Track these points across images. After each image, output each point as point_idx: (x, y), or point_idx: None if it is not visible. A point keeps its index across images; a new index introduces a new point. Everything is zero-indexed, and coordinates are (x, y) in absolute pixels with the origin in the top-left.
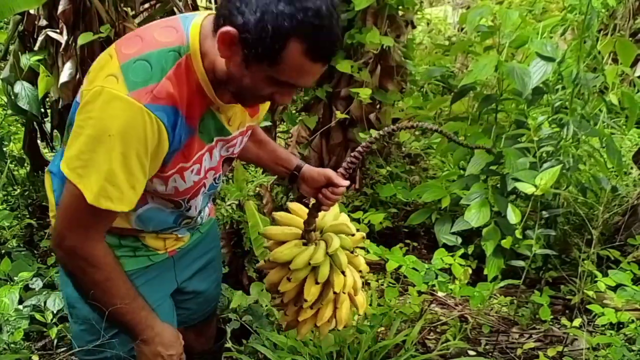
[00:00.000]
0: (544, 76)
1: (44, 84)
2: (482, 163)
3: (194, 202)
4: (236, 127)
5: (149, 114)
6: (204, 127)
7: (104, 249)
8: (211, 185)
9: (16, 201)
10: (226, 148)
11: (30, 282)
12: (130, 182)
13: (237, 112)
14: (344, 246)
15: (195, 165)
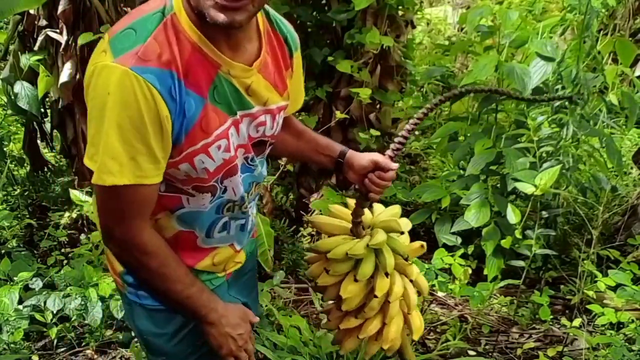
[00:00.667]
0: (543, 76)
1: (43, 84)
2: (482, 163)
3: (229, 183)
4: (260, 101)
5: (135, 77)
6: (219, 96)
7: (150, 235)
8: (245, 167)
9: (16, 201)
10: (255, 127)
11: (30, 282)
12: (129, 153)
13: (260, 83)
14: (395, 248)
15: (221, 141)
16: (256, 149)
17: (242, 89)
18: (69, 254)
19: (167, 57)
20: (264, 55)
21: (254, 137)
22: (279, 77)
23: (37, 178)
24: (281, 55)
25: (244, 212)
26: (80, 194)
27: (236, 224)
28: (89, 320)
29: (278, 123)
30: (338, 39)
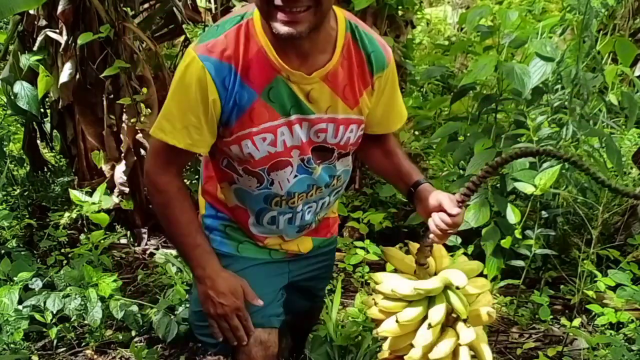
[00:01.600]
0: (543, 76)
1: (43, 84)
2: (481, 163)
3: (276, 177)
4: (322, 108)
5: (198, 62)
6: (274, 96)
7: (169, 178)
8: (302, 168)
9: (16, 201)
10: (315, 132)
11: (30, 282)
12: (182, 121)
13: (323, 91)
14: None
15: (267, 134)
16: (319, 153)
17: (302, 94)
18: (68, 254)
19: (230, 53)
20: (333, 66)
21: (316, 141)
22: (351, 90)
23: (36, 178)
24: (359, 71)
25: (292, 207)
26: (80, 194)
27: (284, 219)
28: (89, 321)
29: (347, 135)
30: None
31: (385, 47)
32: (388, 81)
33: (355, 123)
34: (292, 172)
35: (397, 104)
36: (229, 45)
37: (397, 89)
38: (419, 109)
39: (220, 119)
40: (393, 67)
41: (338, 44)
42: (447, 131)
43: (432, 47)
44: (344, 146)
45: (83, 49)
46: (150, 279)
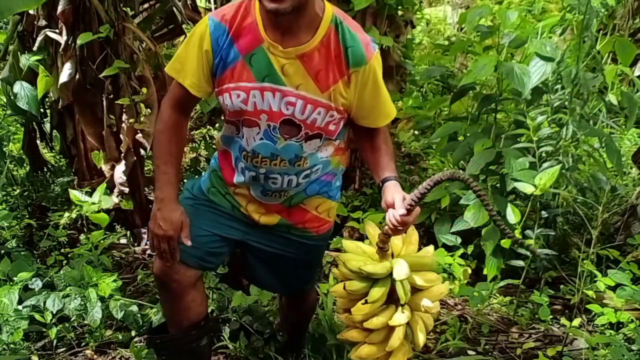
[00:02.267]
0: (543, 76)
1: (43, 84)
2: (481, 163)
3: (245, 132)
4: (294, 83)
5: (206, 20)
6: (254, 61)
7: (171, 112)
8: (267, 134)
9: (16, 201)
10: (285, 104)
11: (30, 282)
12: (187, 63)
13: (296, 68)
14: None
15: (240, 92)
16: (287, 127)
17: (277, 66)
18: (68, 254)
19: (229, 17)
20: (310, 49)
21: (285, 113)
22: (324, 76)
23: (36, 178)
24: (336, 61)
25: (255, 166)
26: (80, 194)
27: (249, 175)
28: (89, 321)
29: (314, 116)
30: None
31: (367, 46)
32: (369, 79)
33: (322, 107)
34: (259, 133)
35: (381, 102)
36: (231, 12)
37: (382, 89)
38: (418, 109)
39: (211, 69)
40: (374, 67)
41: (319, 31)
42: (447, 131)
43: (431, 47)
44: (310, 125)
45: (83, 49)
46: (150, 279)
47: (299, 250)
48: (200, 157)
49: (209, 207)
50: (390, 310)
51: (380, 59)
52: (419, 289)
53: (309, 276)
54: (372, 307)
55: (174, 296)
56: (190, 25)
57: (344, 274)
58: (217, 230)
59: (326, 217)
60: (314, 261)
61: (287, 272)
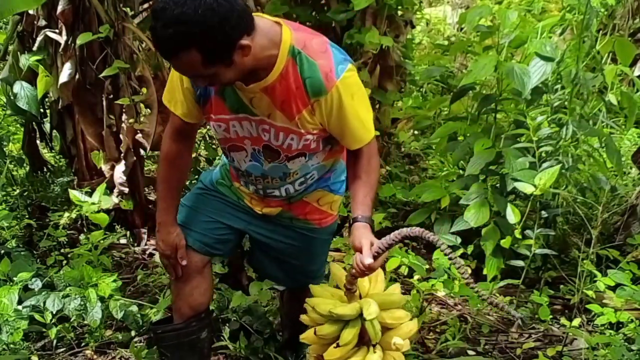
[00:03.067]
0: (543, 76)
1: (43, 84)
2: (481, 163)
3: (235, 156)
4: (263, 113)
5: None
6: (227, 95)
7: (170, 141)
8: (254, 156)
9: (15, 201)
10: (261, 130)
11: (30, 282)
12: (177, 95)
13: (262, 100)
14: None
15: (221, 123)
16: (267, 152)
17: (246, 100)
18: (68, 254)
19: None
20: (270, 83)
21: (264, 139)
22: (288, 106)
23: (36, 178)
24: (297, 92)
25: (253, 182)
26: (80, 194)
27: (252, 187)
28: (89, 321)
29: (288, 142)
30: (337, 39)
31: (327, 75)
32: (332, 107)
33: (294, 133)
34: (247, 156)
35: (350, 128)
36: None
37: (349, 115)
38: (418, 109)
39: (196, 100)
40: (338, 95)
41: (276, 67)
42: (447, 131)
43: (431, 47)
44: (287, 149)
45: (82, 49)
46: (150, 279)
47: (302, 243)
48: (200, 157)
49: (216, 197)
50: (362, 351)
51: (349, 82)
52: (388, 328)
53: (313, 270)
54: (345, 350)
55: (180, 279)
56: None
57: (313, 319)
58: (223, 218)
59: (328, 210)
60: (318, 255)
61: (292, 265)
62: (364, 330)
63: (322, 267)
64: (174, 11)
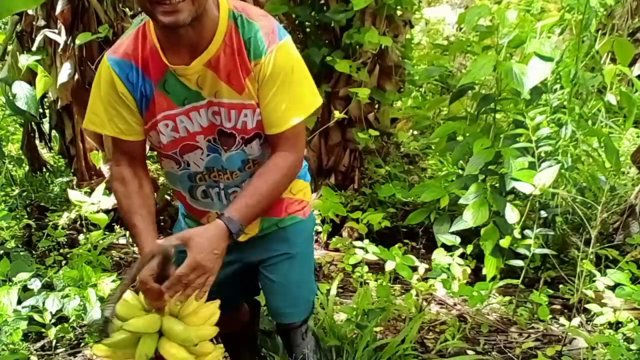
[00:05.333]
0: (542, 76)
1: (42, 84)
2: (480, 163)
3: (189, 158)
4: (210, 92)
5: (105, 62)
6: (169, 87)
7: (119, 168)
8: (211, 147)
9: (15, 201)
10: (212, 114)
11: (29, 282)
12: (106, 113)
13: (207, 77)
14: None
15: (168, 121)
16: (222, 139)
17: (192, 84)
18: (67, 254)
19: (129, 51)
20: (214, 53)
21: (216, 124)
22: (236, 76)
23: (35, 178)
24: (239, 58)
25: (215, 181)
26: (79, 194)
27: (214, 192)
28: (88, 321)
29: (242, 120)
30: (336, 38)
31: (268, 35)
32: (267, 71)
33: (248, 108)
34: (203, 152)
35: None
36: (130, 44)
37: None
38: (417, 109)
39: (138, 107)
40: (275, 60)
41: (219, 30)
42: (446, 131)
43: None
44: (242, 130)
45: (82, 49)
46: None
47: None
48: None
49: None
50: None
51: (290, 49)
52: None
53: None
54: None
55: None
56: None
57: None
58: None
59: (303, 197)
60: (311, 253)
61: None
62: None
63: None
64: None
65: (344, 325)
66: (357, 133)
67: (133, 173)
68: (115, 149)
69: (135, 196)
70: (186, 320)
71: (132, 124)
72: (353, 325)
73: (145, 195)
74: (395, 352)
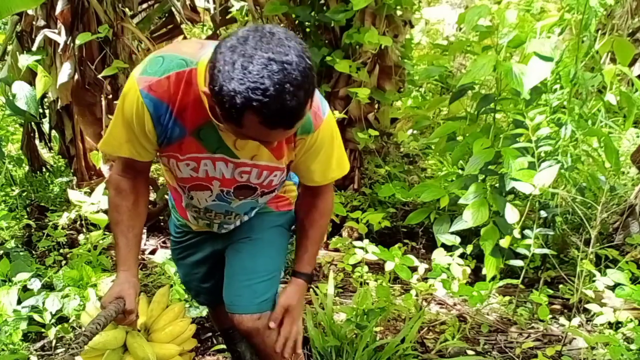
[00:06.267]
0: (542, 76)
1: (42, 84)
2: (480, 163)
3: (195, 195)
4: (247, 155)
5: (139, 97)
6: (205, 135)
7: (120, 179)
8: (220, 196)
9: (14, 202)
10: (239, 173)
11: (29, 282)
12: (126, 137)
13: (248, 142)
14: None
15: (190, 162)
16: (242, 191)
17: (229, 141)
18: (67, 254)
19: (169, 94)
20: None
21: (239, 180)
22: (278, 145)
23: (35, 178)
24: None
25: (209, 217)
26: (79, 194)
27: (203, 222)
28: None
29: (270, 178)
30: (336, 38)
31: (315, 114)
32: (314, 145)
33: (280, 170)
34: (211, 196)
35: (323, 165)
36: (170, 86)
37: (327, 155)
38: (417, 109)
39: (158, 141)
40: (322, 136)
41: None
42: (446, 131)
43: (430, 46)
44: (267, 186)
45: (81, 49)
46: (149, 279)
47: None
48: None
49: (184, 256)
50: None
51: (332, 122)
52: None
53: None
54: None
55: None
56: (188, 26)
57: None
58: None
59: (283, 194)
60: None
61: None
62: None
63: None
64: (292, 74)
65: (343, 325)
66: (357, 133)
67: (132, 187)
68: (123, 163)
69: (126, 215)
70: (153, 336)
71: (147, 148)
72: (353, 325)
73: (137, 215)
74: (395, 352)
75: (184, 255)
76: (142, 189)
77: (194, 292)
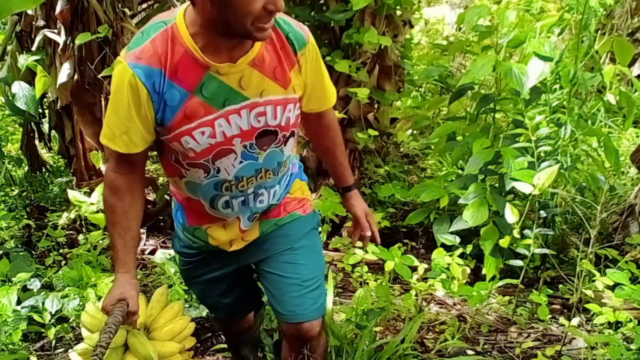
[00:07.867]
0: (541, 76)
1: (41, 84)
2: (480, 163)
3: (221, 164)
4: (256, 92)
5: (128, 71)
6: (207, 91)
7: (115, 176)
8: (246, 154)
9: (14, 202)
10: (255, 117)
11: (28, 282)
12: (121, 127)
13: (253, 76)
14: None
15: (205, 128)
16: (264, 139)
17: (234, 83)
18: (67, 254)
19: (157, 57)
20: (258, 51)
21: (257, 127)
22: (281, 71)
23: (35, 178)
24: (283, 52)
25: (242, 190)
26: (79, 194)
27: (238, 202)
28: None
29: (287, 115)
30: (336, 38)
31: (300, 26)
32: (312, 58)
33: (292, 102)
34: (237, 158)
35: (325, 82)
36: (155, 50)
37: (322, 68)
38: (417, 109)
39: (155, 119)
40: (314, 46)
41: None
42: (446, 131)
43: (430, 46)
44: (285, 127)
45: (81, 49)
46: (149, 279)
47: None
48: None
49: (199, 274)
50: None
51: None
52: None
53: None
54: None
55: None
56: None
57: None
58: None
59: (302, 195)
60: (311, 249)
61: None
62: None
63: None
64: None
65: (343, 325)
66: (356, 133)
67: (128, 185)
68: (117, 159)
69: (123, 216)
70: (153, 334)
71: (144, 135)
72: (353, 325)
73: (133, 216)
74: (395, 352)
75: (198, 274)
76: (137, 188)
77: (212, 308)
